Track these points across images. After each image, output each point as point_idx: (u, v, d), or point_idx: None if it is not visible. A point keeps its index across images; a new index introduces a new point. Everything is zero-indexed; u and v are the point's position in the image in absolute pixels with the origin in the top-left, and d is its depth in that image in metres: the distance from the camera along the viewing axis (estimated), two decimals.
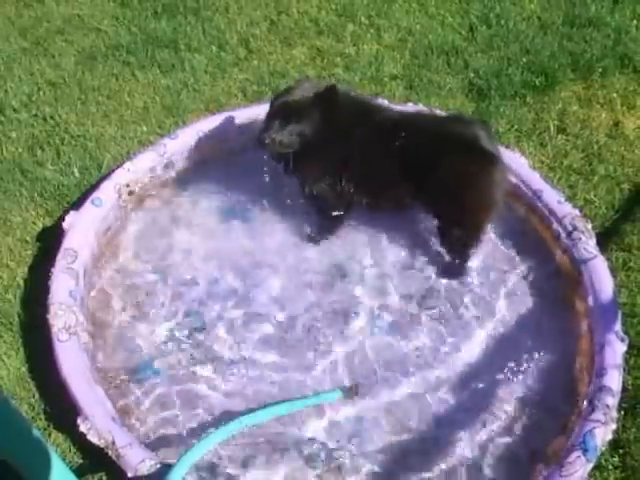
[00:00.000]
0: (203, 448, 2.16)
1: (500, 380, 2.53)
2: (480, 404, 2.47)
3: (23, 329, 2.67)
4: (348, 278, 2.85)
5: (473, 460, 2.33)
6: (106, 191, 2.96)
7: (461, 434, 2.39)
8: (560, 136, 3.38)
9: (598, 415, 2.21)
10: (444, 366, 2.58)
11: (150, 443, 2.32)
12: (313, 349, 2.62)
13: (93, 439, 2.22)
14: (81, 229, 2.80)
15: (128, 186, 3.02)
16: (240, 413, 2.35)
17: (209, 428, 2.35)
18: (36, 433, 1.90)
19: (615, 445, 2.29)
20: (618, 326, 2.47)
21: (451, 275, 2.84)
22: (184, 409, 2.46)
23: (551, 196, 2.92)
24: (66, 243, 2.74)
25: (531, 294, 2.79)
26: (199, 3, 4.23)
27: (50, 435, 2.37)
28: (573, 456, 2.13)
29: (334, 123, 2.73)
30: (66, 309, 2.52)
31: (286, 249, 2.96)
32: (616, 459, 2.28)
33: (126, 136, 3.43)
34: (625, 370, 2.41)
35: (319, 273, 2.86)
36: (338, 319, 2.72)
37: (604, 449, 2.24)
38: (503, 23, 4.03)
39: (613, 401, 2.27)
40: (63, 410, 2.35)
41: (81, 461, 2.32)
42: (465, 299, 2.77)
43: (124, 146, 3.38)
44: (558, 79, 3.65)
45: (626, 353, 2.42)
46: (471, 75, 3.71)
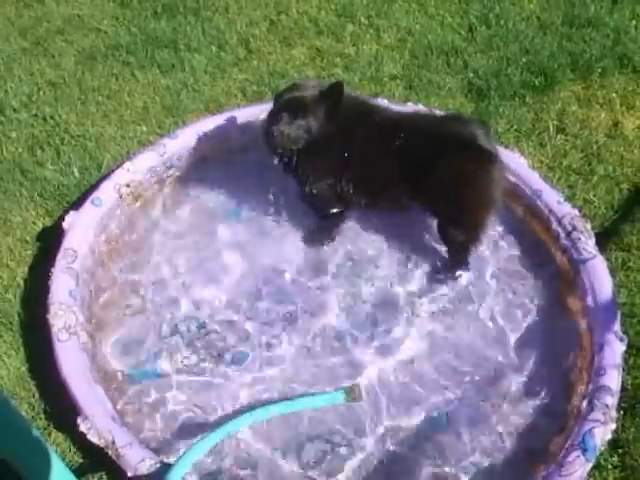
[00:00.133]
0: (203, 447, 2.16)
1: (499, 380, 2.53)
2: (479, 404, 2.47)
3: (23, 329, 2.68)
4: (348, 278, 2.85)
5: (472, 460, 2.33)
6: (106, 191, 2.97)
7: (460, 434, 2.40)
8: (559, 136, 3.38)
9: (597, 415, 2.22)
10: (443, 365, 2.58)
11: (150, 443, 2.32)
12: (315, 349, 2.62)
13: (93, 439, 2.23)
14: (81, 229, 2.81)
15: (128, 186, 3.02)
16: (240, 412, 2.36)
17: (209, 427, 2.35)
18: (36, 433, 1.90)
19: (614, 445, 2.30)
20: (617, 326, 2.47)
21: (450, 274, 2.84)
22: (184, 408, 2.46)
23: (550, 196, 2.93)
24: (66, 243, 2.75)
25: (530, 293, 2.78)
26: (199, 3, 4.23)
27: (50, 435, 2.37)
28: (572, 456, 2.13)
29: (337, 122, 2.73)
30: (66, 309, 2.53)
31: (286, 248, 2.96)
32: (615, 459, 2.28)
33: (126, 136, 3.43)
34: (624, 370, 2.42)
35: (318, 272, 2.87)
36: (339, 317, 2.71)
37: (603, 449, 2.24)
38: (502, 23, 4.03)
39: (612, 401, 2.27)
40: (63, 410, 2.36)
41: (81, 461, 2.32)
42: (464, 299, 2.77)
43: (124, 146, 3.38)
44: (557, 79, 3.65)
45: (625, 353, 2.43)
46: (470, 75, 3.71)
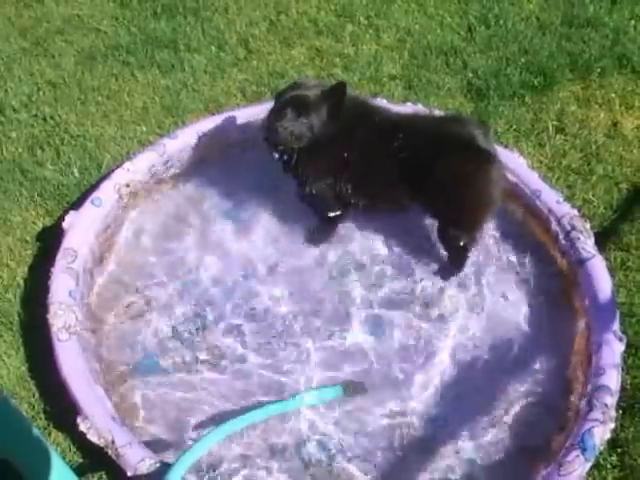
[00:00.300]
0: (203, 447, 2.17)
1: (498, 380, 2.53)
2: (478, 403, 2.47)
3: (23, 329, 2.68)
4: (347, 278, 2.85)
5: (471, 459, 2.34)
6: (106, 191, 2.97)
7: (460, 433, 2.40)
8: (559, 136, 3.38)
9: (596, 414, 2.22)
10: (442, 365, 2.58)
11: (150, 442, 2.32)
12: (314, 348, 2.63)
13: (93, 438, 2.23)
14: (81, 229, 2.81)
15: (128, 186, 3.02)
16: (241, 412, 2.36)
17: (209, 427, 2.35)
18: (36, 432, 1.91)
19: (613, 444, 2.30)
20: (616, 325, 2.47)
21: (449, 275, 2.84)
22: (184, 408, 2.46)
23: (550, 196, 2.93)
24: (66, 243, 2.75)
25: (529, 293, 2.79)
26: (198, 3, 4.23)
27: (50, 434, 2.37)
28: (572, 455, 2.14)
29: (338, 122, 2.74)
30: (66, 309, 2.53)
31: (285, 249, 2.96)
32: (614, 458, 2.28)
33: (126, 136, 3.43)
34: (623, 369, 2.42)
35: (319, 273, 2.87)
36: (338, 319, 2.72)
37: (602, 448, 2.25)
38: (502, 23, 4.03)
39: (611, 400, 2.27)
40: (63, 409, 2.36)
41: (81, 460, 2.32)
42: (462, 298, 2.77)
43: (124, 146, 3.38)
44: (556, 79, 3.64)
45: (624, 352, 2.43)
46: (470, 75, 3.71)
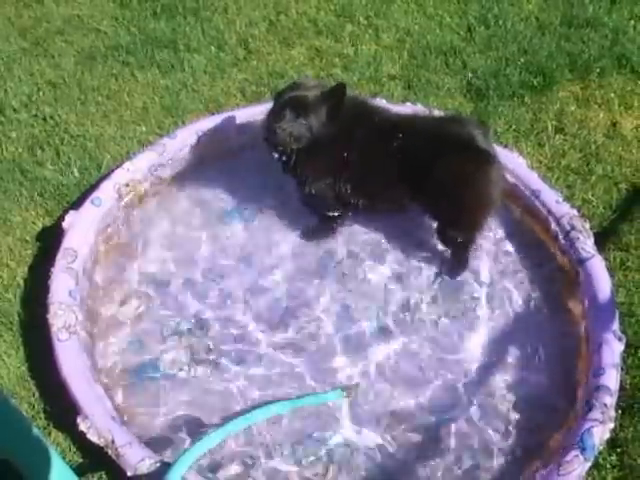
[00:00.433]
0: (203, 447, 2.17)
1: (498, 379, 2.54)
2: (478, 403, 2.48)
3: (23, 328, 2.68)
4: (347, 278, 2.85)
5: (471, 459, 2.34)
6: (106, 191, 2.97)
7: (459, 433, 2.40)
8: (558, 136, 3.38)
9: (596, 414, 2.22)
10: (442, 366, 2.58)
11: (150, 442, 2.32)
12: (314, 348, 2.63)
13: (93, 438, 2.23)
14: (81, 229, 2.81)
15: (128, 186, 3.02)
16: (241, 412, 2.36)
17: (209, 427, 2.36)
18: (36, 432, 1.91)
19: (613, 444, 2.30)
20: (616, 325, 2.48)
21: (449, 275, 2.85)
22: (184, 408, 2.46)
23: (549, 196, 2.93)
24: (66, 243, 2.75)
25: (529, 293, 2.79)
26: (198, 3, 4.23)
27: (50, 434, 2.37)
28: (571, 455, 2.14)
29: (338, 122, 2.74)
30: (66, 308, 2.53)
31: (285, 249, 2.96)
32: (614, 458, 2.29)
33: (125, 136, 3.43)
34: (623, 369, 2.43)
35: (318, 272, 2.87)
36: (338, 319, 2.72)
37: (602, 448, 2.25)
38: (501, 23, 4.03)
39: (611, 400, 2.28)
40: (63, 409, 2.36)
41: (81, 460, 2.32)
42: (463, 299, 2.78)
43: (124, 146, 3.38)
44: (556, 79, 3.65)
45: (624, 352, 2.44)
46: (469, 75, 3.71)
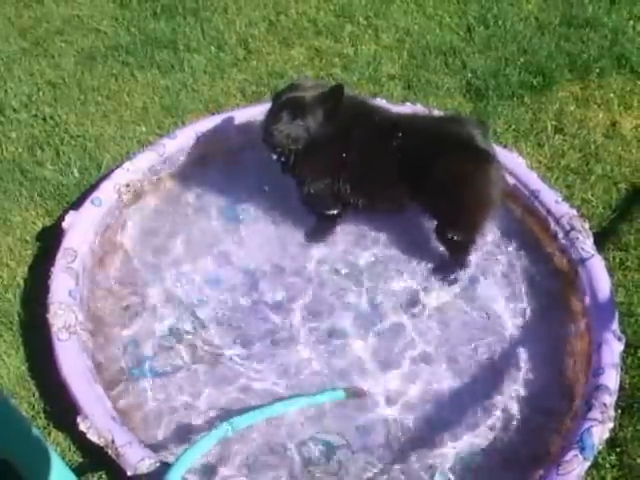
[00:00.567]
0: (203, 447, 2.16)
1: (497, 379, 2.54)
2: (477, 403, 2.48)
3: (23, 328, 2.68)
4: (347, 277, 2.86)
5: (470, 459, 2.34)
6: (106, 191, 2.97)
7: (459, 433, 2.40)
8: (557, 136, 3.39)
9: (595, 414, 2.23)
10: (441, 366, 2.59)
11: (150, 442, 2.33)
12: (313, 348, 2.63)
13: (93, 438, 2.23)
14: (81, 229, 2.81)
15: (128, 186, 3.02)
16: (240, 411, 2.36)
17: (209, 427, 2.36)
18: (36, 432, 1.91)
19: (612, 444, 2.31)
20: (615, 325, 2.48)
21: (449, 275, 2.85)
22: (183, 407, 2.47)
23: (549, 196, 2.93)
24: (66, 243, 2.75)
25: (528, 293, 2.79)
26: (198, 4, 4.24)
27: (50, 434, 2.38)
28: (570, 454, 2.14)
29: (336, 122, 2.74)
30: (66, 308, 2.53)
31: (285, 248, 2.96)
32: (613, 457, 2.29)
33: (125, 136, 3.43)
34: (622, 369, 2.43)
35: (318, 272, 2.87)
36: (337, 318, 2.72)
37: (601, 448, 2.26)
38: (501, 24, 4.03)
39: (610, 400, 2.28)
40: (63, 409, 2.36)
41: (81, 460, 2.33)
42: (461, 298, 2.78)
43: (123, 146, 3.38)
44: (555, 79, 3.65)
45: (623, 352, 2.44)
46: (469, 75, 3.72)
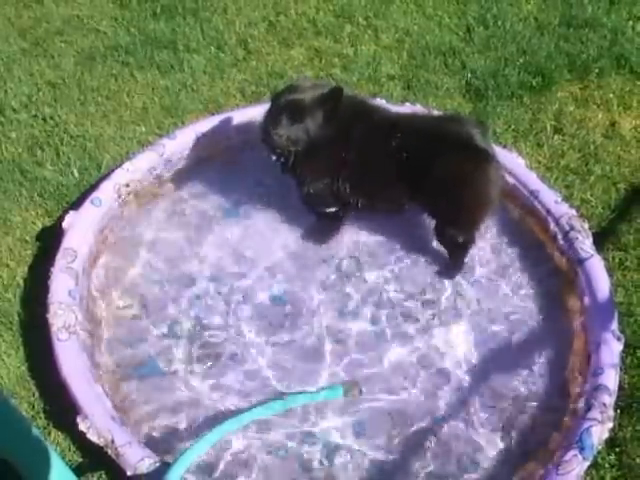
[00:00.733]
0: (202, 446, 2.17)
1: (497, 379, 2.54)
2: (477, 403, 2.48)
3: (23, 328, 2.68)
4: (346, 277, 2.86)
5: (470, 459, 2.34)
6: (105, 191, 2.97)
7: (458, 433, 2.41)
8: (557, 136, 3.39)
9: (595, 414, 2.23)
10: (441, 365, 2.59)
11: (149, 442, 2.33)
12: (313, 348, 2.64)
13: (92, 438, 2.23)
14: (80, 229, 2.81)
15: (127, 186, 3.02)
16: (240, 410, 2.37)
17: (209, 426, 2.35)
18: (36, 432, 1.91)
19: (611, 444, 2.30)
20: (614, 325, 2.48)
21: (448, 274, 2.85)
22: (184, 407, 2.46)
23: (548, 196, 2.93)
24: (65, 243, 2.75)
25: (528, 293, 2.79)
26: (198, 4, 4.24)
27: (50, 434, 2.37)
28: (570, 454, 2.14)
29: (336, 122, 2.74)
30: (66, 308, 2.53)
31: (285, 248, 2.97)
32: (612, 457, 2.29)
33: (125, 136, 3.43)
34: (621, 369, 2.43)
35: (318, 272, 2.88)
36: (337, 318, 2.73)
37: (600, 447, 2.26)
38: (500, 24, 4.04)
39: (610, 400, 2.28)
40: (63, 409, 2.36)
41: (81, 460, 2.32)
42: (462, 298, 2.78)
43: (123, 146, 3.38)
44: (555, 79, 3.66)
45: (622, 352, 2.44)
46: (468, 76, 3.72)
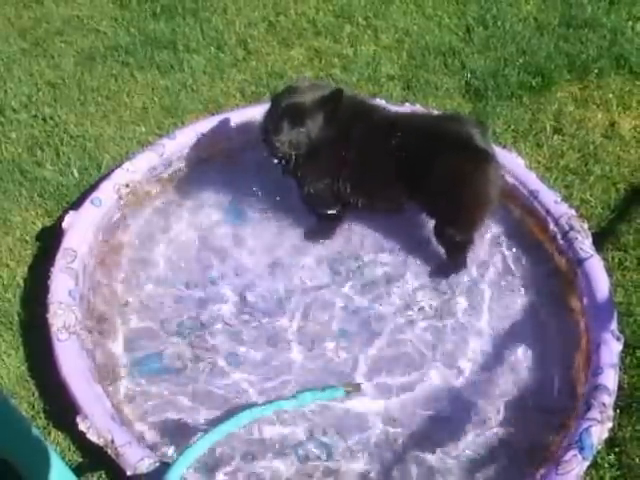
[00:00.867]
0: (202, 446, 2.17)
1: (496, 379, 2.55)
2: (476, 403, 2.48)
3: (23, 328, 2.68)
4: (346, 277, 2.86)
5: (470, 459, 2.35)
6: (105, 191, 2.97)
7: (458, 433, 2.41)
8: (556, 136, 3.39)
9: (594, 414, 2.23)
10: (440, 365, 2.59)
11: (149, 441, 2.33)
12: (312, 348, 2.64)
13: (92, 438, 2.23)
14: (80, 229, 2.81)
15: (127, 186, 3.03)
16: (240, 410, 2.37)
17: (209, 426, 2.36)
18: (36, 432, 1.91)
19: (611, 443, 2.31)
20: (614, 325, 2.48)
21: (447, 274, 2.85)
22: (183, 407, 2.47)
23: (547, 196, 2.94)
24: (65, 243, 2.75)
25: (528, 293, 2.80)
26: (197, 4, 4.24)
27: (50, 434, 2.38)
28: (569, 454, 2.14)
29: (336, 122, 2.74)
30: (65, 308, 2.53)
31: (285, 249, 2.97)
32: (612, 457, 2.30)
33: (125, 136, 3.44)
34: (621, 369, 2.43)
35: (318, 272, 2.88)
36: (337, 318, 2.73)
37: (600, 447, 2.26)
38: (500, 24, 4.04)
39: (609, 400, 2.28)
40: (62, 409, 2.36)
41: (80, 460, 2.33)
42: (461, 298, 2.78)
43: (123, 146, 3.39)
44: (554, 80, 3.66)
45: (622, 352, 2.44)
46: (468, 76, 3.72)
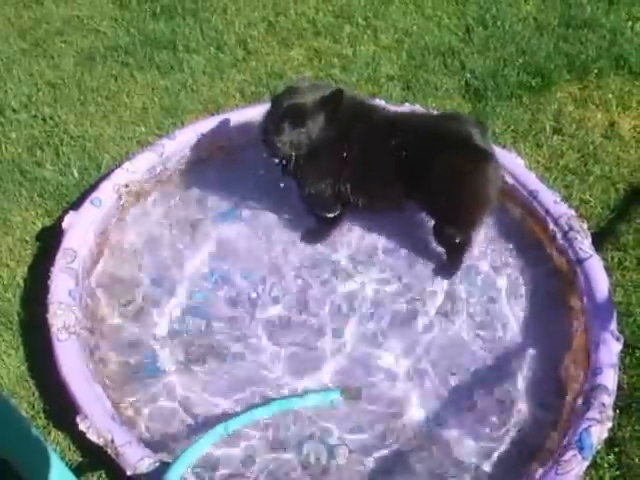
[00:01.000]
0: (202, 446, 2.17)
1: (496, 379, 2.55)
2: (476, 403, 2.49)
3: (23, 328, 2.68)
4: (346, 277, 2.86)
5: (469, 459, 2.35)
6: (105, 191, 2.97)
7: (457, 433, 2.41)
8: (556, 136, 3.39)
9: (594, 413, 2.23)
10: (440, 365, 2.59)
11: (149, 441, 2.33)
12: (312, 348, 2.64)
13: (92, 437, 2.23)
14: (80, 229, 2.81)
15: (127, 186, 3.03)
16: (240, 411, 2.37)
17: (208, 426, 2.35)
18: (35, 432, 1.91)
19: (611, 443, 2.31)
20: (614, 325, 2.48)
21: (447, 274, 2.86)
22: (183, 407, 2.47)
23: (547, 196, 2.94)
24: (65, 243, 2.75)
25: (527, 293, 2.80)
26: (197, 4, 4.24)
27: (50, 434, 2.38)
28: (569, 454, 2.14)
29: (336, 122, 2.74)
30: (65, 308, 2.54)
31: (284, 249, 2.97)
32: (611, 457, 2.30)
33: (125, 137, 3.44)
34: (620, 369, 2.43)
35: (317, 272, 2.88)
36: (336, 318, 2.73)
37: (600, 447, 2.26)
38: (499, 24, 4.04)
39: (609, 400, 2.28)
40: (62, 409, 2.36)
41: (80, 459, 2.33)
42: (460, 298, 2.78)
43: (123, 146, 3.39)
44: (554, 80, 3.66)
45: (621, 352, 2.44)
46: (467, 76, 3.72)
